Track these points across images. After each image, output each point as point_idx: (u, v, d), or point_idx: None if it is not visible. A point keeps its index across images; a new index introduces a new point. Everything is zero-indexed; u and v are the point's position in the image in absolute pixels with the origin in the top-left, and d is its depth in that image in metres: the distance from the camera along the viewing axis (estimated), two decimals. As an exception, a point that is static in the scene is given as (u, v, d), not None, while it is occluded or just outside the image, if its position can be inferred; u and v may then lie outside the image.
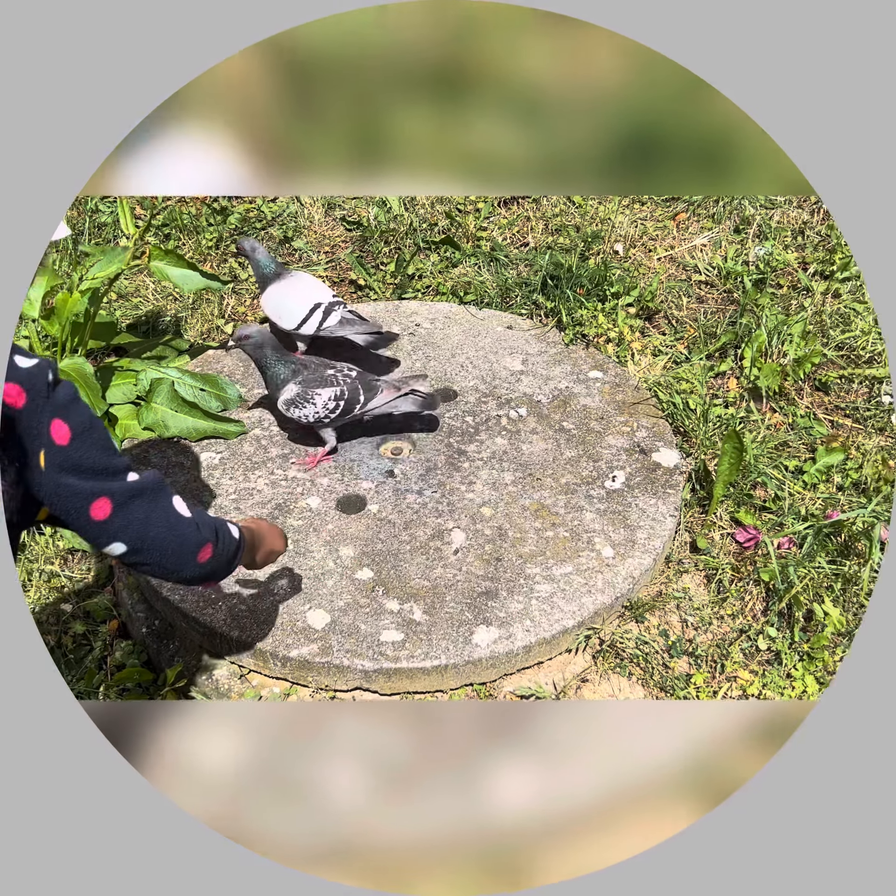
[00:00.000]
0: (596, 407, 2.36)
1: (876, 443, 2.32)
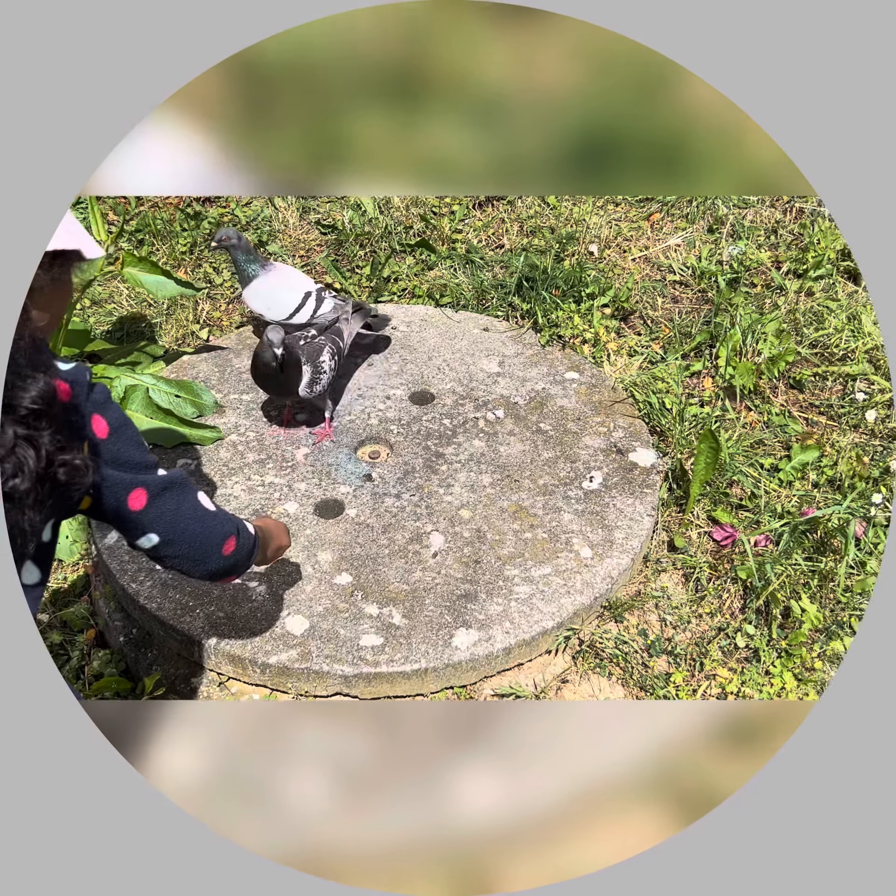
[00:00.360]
0: (573, 408, 2.37)
1: (850, 440, 2.34)
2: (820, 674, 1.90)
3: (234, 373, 2.48)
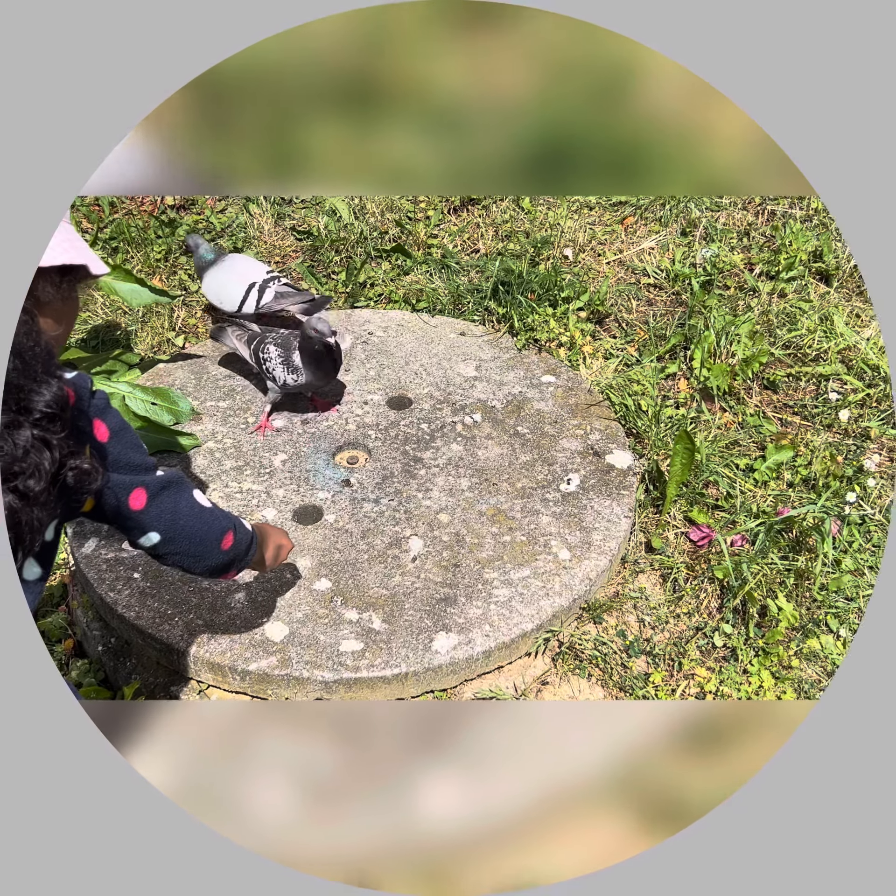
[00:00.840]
0: (549, 411, 2.38)
1: (824, 439, 2.37)
2: (797, 672, 1.92)
3: (210, 380, 2.47)
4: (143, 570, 1.98)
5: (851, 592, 2.04)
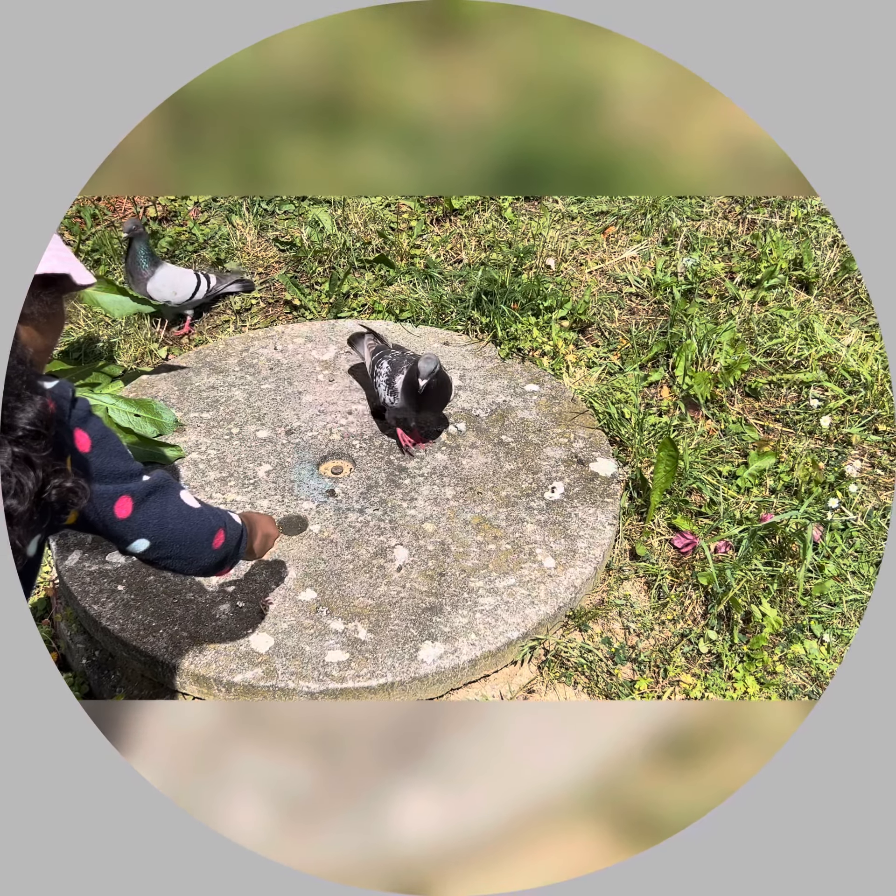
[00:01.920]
0: (533, 419, 2.38)
1: (806, 446, 2.39)
2: (782, 677, 1.93)
3: (193, 391, 2.47)
4: (127, 582, 1.97)
5: (835, 598, 2.05)
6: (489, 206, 3.23)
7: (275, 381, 2.50)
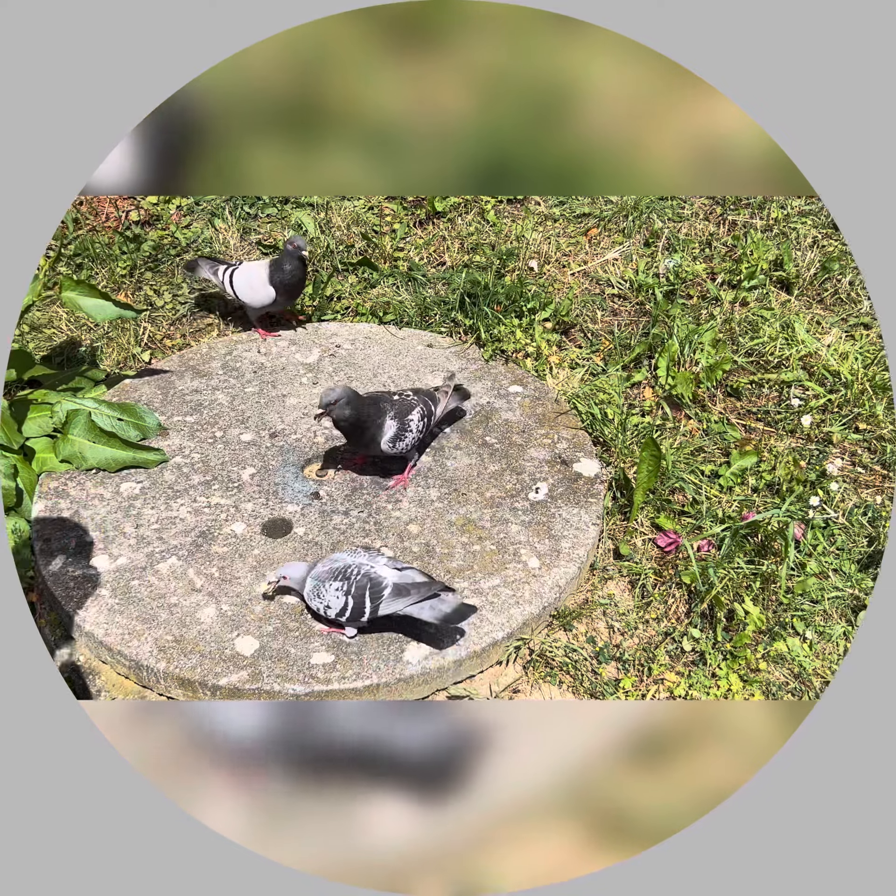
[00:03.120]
0: (517, 421, 2.39)
1: (787, 445, 2.40)
2: (765, 674, 1.94)
3: (177, 395, 2.46)
4: (111, 587, 1.97)
5: (817, 595, 2.07)
6: (472, 209, 3.24)
7: (258, 385, 2.50)
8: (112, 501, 2.16)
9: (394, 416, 2.13)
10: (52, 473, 2.23)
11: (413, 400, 2.19)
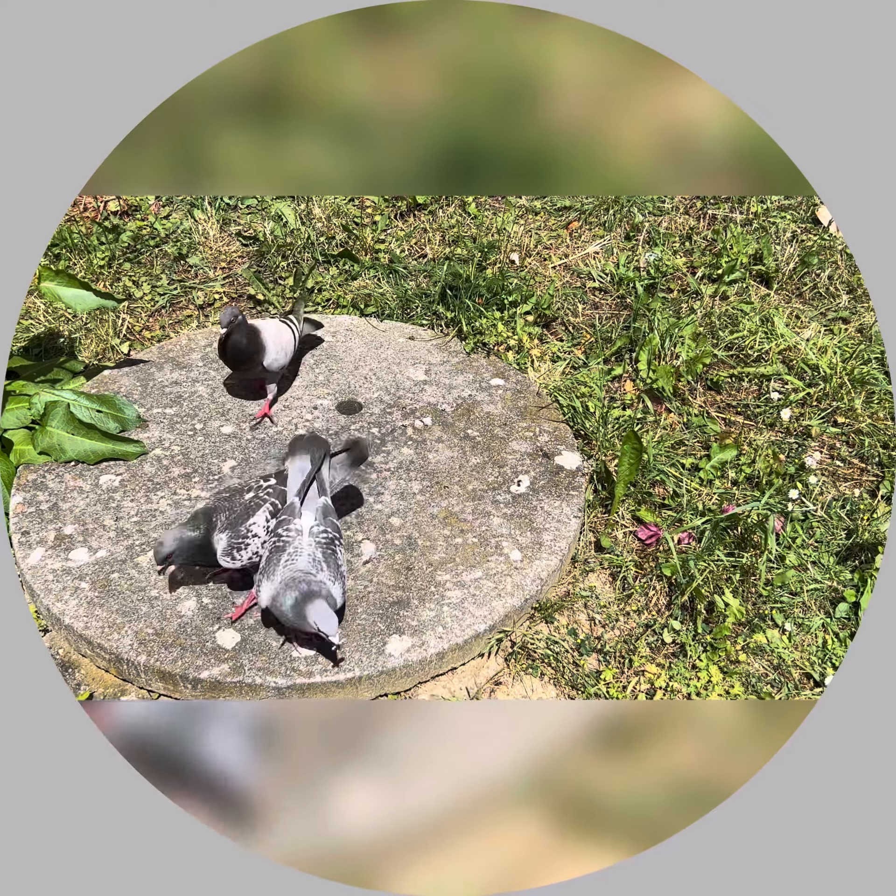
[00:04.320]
0: (499, 414, 2.39)
1: (767, 438, 2.42)
2: (744, 666, 1.96)
3: (156, 386, 2.45)
4: (90, 579, 1.95)
5: (795, 587, 2.08)
6: (453, 202, 3.23)
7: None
8: (91, 494, 2.14)
9: (223, 529, 1.86)
10: (30, 465, 2.21)
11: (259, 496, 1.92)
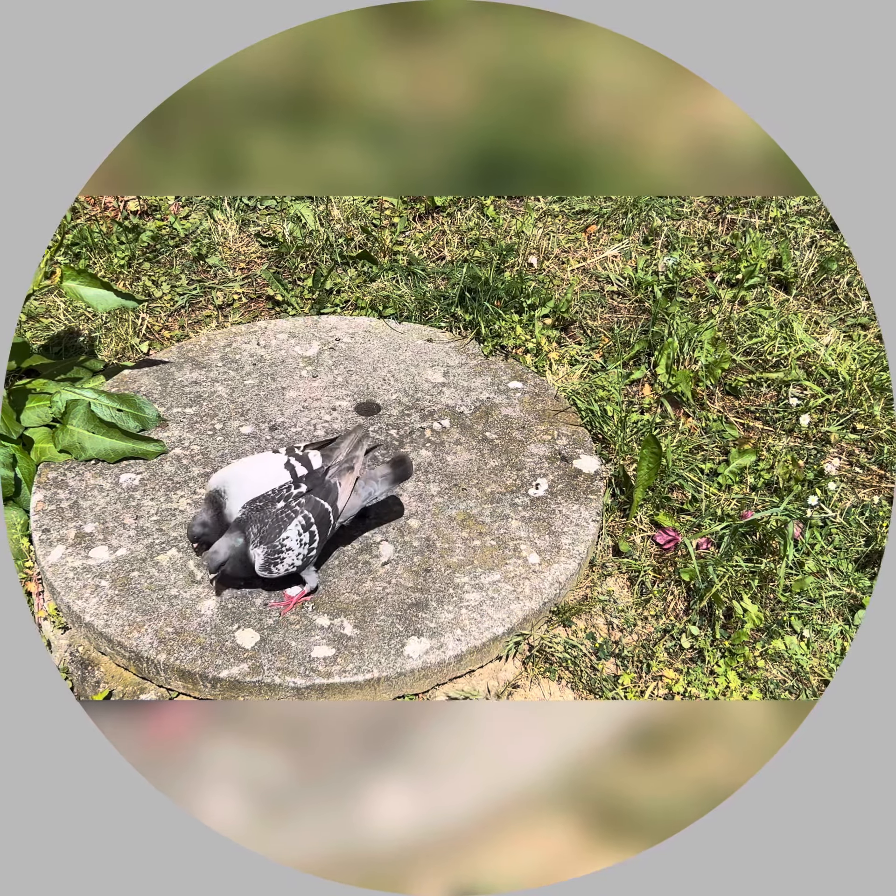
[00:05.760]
0: (517, 417, 2.40)
1: (785, 443, 2.41)
2: (762, 672, 1.96)
3: (176, 386, 2.46)
4: (110, 578, 1.96)
5: (814, 594, 2.08)
6: (471, 204, 3.24)
7: (258, 377, 2.50)
8: (111, 492, 2.15)
9: (258, 543, 1.84)
10: (50, 463, 2.22)
11: (290, 506, 1.86)
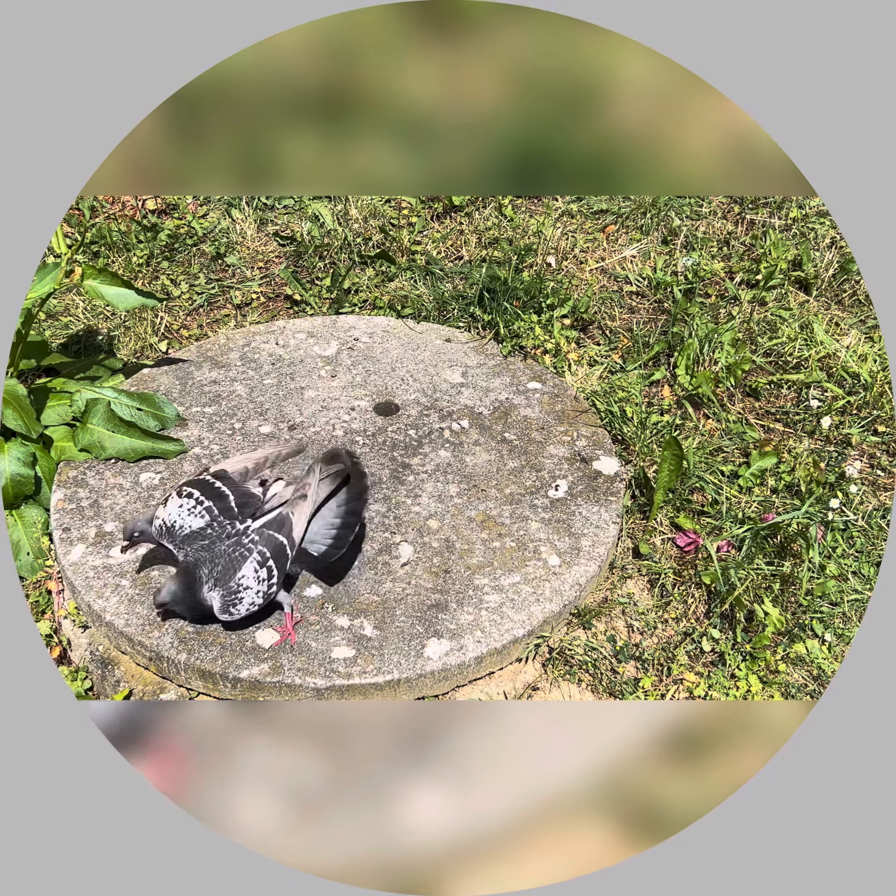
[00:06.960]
0: (536, 417, 2.39)
1: (806, 446, 2.40)
2: (784, 676, 1.94)
3: (195, 385, 2.46)
4: (131, 577, 1.96)
5: (836, 597, 2.06)
6: (489, 203, 3.23)
7: (277, 377, 2.50)
8: (131, 491, 2.16)
9: (213, 587, 1.78)
10: (70, 462, 2.22)
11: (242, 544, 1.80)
